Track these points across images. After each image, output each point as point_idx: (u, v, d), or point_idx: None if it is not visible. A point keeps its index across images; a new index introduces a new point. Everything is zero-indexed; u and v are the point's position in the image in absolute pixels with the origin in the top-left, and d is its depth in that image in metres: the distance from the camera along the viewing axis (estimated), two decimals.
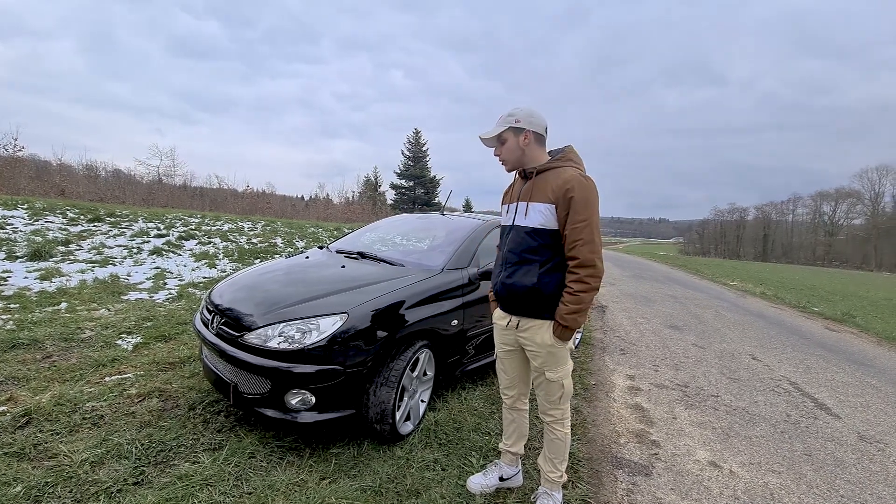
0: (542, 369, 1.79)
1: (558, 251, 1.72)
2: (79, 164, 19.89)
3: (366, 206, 30.04)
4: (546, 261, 1.72)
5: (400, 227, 3.90)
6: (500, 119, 1.80)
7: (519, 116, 1.77)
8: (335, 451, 2.19)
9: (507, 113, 1.79)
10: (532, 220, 1.74)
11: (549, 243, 1.72)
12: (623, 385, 3.62)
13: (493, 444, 2.39)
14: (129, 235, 7.99)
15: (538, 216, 1.72)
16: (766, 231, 71.99)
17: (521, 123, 1.76)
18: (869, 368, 4.84)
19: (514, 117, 1.77)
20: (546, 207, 1.69)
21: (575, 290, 1.64)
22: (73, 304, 4.37)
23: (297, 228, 12.67)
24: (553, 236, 1.71)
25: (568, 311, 1.65)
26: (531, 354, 1.82)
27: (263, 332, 2.11)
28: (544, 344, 1.75)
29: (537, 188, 1.74)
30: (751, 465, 2.50)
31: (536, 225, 1.72)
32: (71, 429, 2.22)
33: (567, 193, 1.64)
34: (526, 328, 1.80)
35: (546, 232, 1.71)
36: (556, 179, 1.70)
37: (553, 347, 1.74)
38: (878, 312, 10.29)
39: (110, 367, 2.99)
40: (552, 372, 1.78)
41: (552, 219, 1.69)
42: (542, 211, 1.71)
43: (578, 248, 1.63)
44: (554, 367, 1.77)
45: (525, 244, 1.75)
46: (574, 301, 1.64)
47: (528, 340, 1.80)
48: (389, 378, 2.21)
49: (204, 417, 2.43)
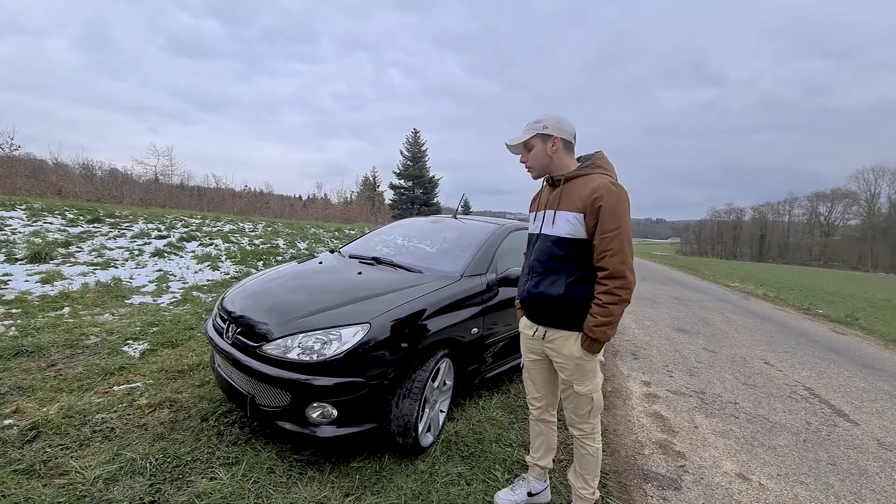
0: (571, 382, 1.74)
1: (586, 261, 1.66)
2: (75, 164, 19.71)
3: (364, 206, 29.94)
4: (573, 270, 1.67)
5: (413, 231, 3.83)
6: (527, 126, 1.76)
7: (547, 123, 1.72)
8: (356, 466, 2.12)
9: (535, 120, 1.75)
10: (559, 228, 1.69)
11: (576, 253, 1.66)
12: (640, 392, 3.57)
13: (516, 457, 2.33)
14: (130, 237, 7.88)
15: (566, 225, 1.67)
16: (762, 231, 72.32)
17: (550, 130, 1.71)
18: (880, 373, 4.81)
19: (541, 124, 1.72)
20: (574, 216, 1.64)
21: (604, 302, 1.58)
22: (76, 309, 4.27)
23: (299, 229, 12.58)
24: (581, 246, 1.66)
25: (597, 324, 1.59)
26: (558, 366, 1.77)
27: (283, 342, 2.04)
28: (572, 356, 1.70)
29: (565, 196, 1.69)
30: (778, 476, 2.45)
31: (564, 234, 1.67)
32: (81, 443, 2.14)
33: (596, 202, 1.59)
34: (553, 339, 1.75)
35: (573, 241, 1.66)
36: (584, 187, 1.64)
37: (581, 360, 1.69)
38: (880, 314, 10.32)
39: (118, 375, 2.91)
40: (581, 385, 1.72)
41: (580, 228, 1.64)
42: (569, 220, 1.66)
43: (608, 259, 1.57)
44: (582, 380, 1.72)
45: (551, 253, 1.71)
46: (603, 313, 1.58)
47: (555, 352, 1.75)
48: (412, 389, 2.14)
49: (218, 429, 2.35)
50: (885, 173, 57.62)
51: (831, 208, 64.35)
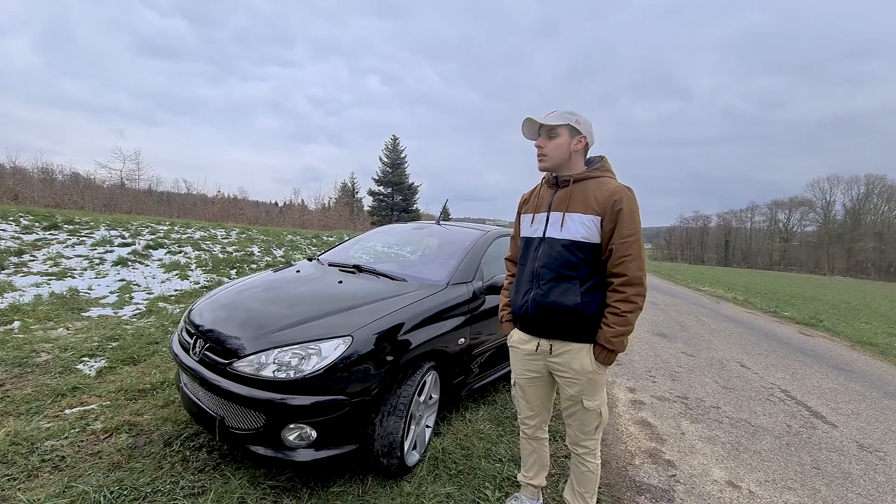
0: (580, 397, 1.64)
1: (598, 267, 1.59)
2: (33, 167, 18.53)
3: (343, 213, 29.47)
4: (587, 278, 1.58)
5: (395, 237, 3.71)
6: (558, 113, 1.63)
7: (580, 119, 1.63)
8: (337, 490, 1.97)
9: (567, 110, 1.63)
10: (572, 232, 1.58)
11: (590, 258, 1.57)
12: (626, 399, 3.54)
13: (506, 473, 2.23)
14: (90, 244, 7.41)
15: (580, 228, 1.57)
16: (727, 237, 75.36)
17: (581, 127, 1.62)
18: (850, 374, 4.98)
19: (575, 117, 1.62)
20: (590, 219, 1.56)
21: (622, 311, 1.51)
22: (26, 323, 3.93)
23: (274, 236, 12.19)
24: (594, 251, 1.57)
25: (615, 334, 1.52)
26: (566, 381, 1.66)
27: (256, 358, 1.88)
28: (584, 370, 1.60)
29: (576, 198, 1.60)
30: (766, 482, 2.44)
31: (578, 238, 1.57)
32: (29, 473, 1.93)
33: (616, 205, 1.52)
34: (561, 352, 1.64)
35: (588, 246, 1.57)
36: (599, 190, 1.57)
37: (594, 374, 1.60)
38: (841, 316, 10.81)
39: (71, 396, 2.65)
40: (590, 400, 1.63)
41: (595, 232, 1.56)
42: (584, 223, 1.56)
43: (627, 265, 1.50)
44: (592, 394, 1.63)
45: (562, 259, 1.59)
46: (621, 322, 1.51)
47: (564, 366, 1.64)
48: (398, 406, 2.02)
49: (182, 455, 2.15)
50: (839, 182, 61.20)
51: (789, 215, 67.77)
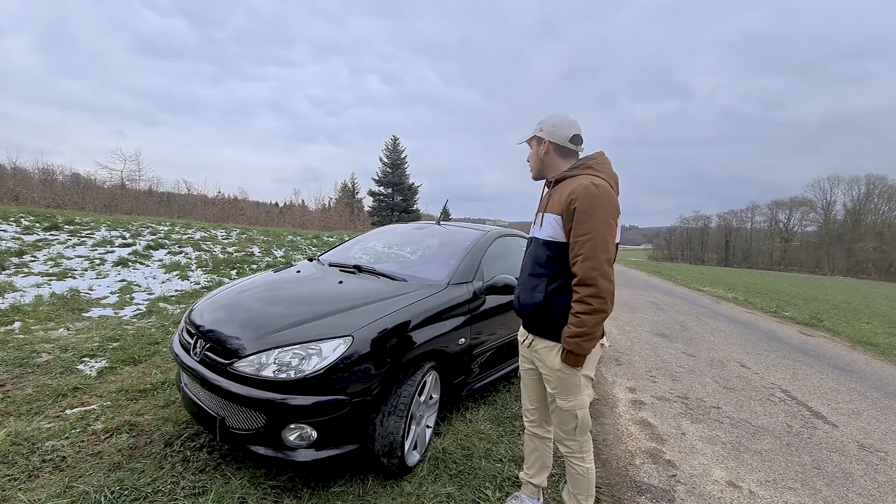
0: (555, 395, 1.67)
1: (567, 266, 1.59)
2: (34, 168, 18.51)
3: (343, 213, 29.46)
4: (555, 277, 1.61)
5: (395, 238, 3.71)
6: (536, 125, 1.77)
7: (543, 126, 1.71)
8: (337, 490, 1.98)
9: (539, 120, 1.74)
10: (546, 231, 1.65)
11: (557, 257, 1.60)
12: (626, 399, 3.54)
13: (507, 473, 2.23)
14: (91, 245, 7.41)
15: (548, 228, 1.63)
16: (727, 238, 75.24)
17: (543, 133, 1.70)
18: (850, 374, 4.97)
19: (540, 126, 1.72)
20: (555, 219, 1.60)
21: (576, 312, 1.50)
22: (27, 324, 3.93)
23: (275, 237, 12.19)
24: (561, 250, 1.60)
25: (570, 335, 1.51)
26: (544, 378, 1.71)
27: (257, 358, 1.88)
28: (554, 368, 1.63)
29: (553, 198, 1.66)
30: (767, 482, 2.44)
31: (546, 237, 1.63)
32: (30, 473, 1.93)
33: (571, 204, 1.53)
34: (538, 349, 1.70)
35: (554, 245, 1.61)
36: (566, 189, 1.59)
37: (562, 373, 1.61)
38: (842, 315, 10.80)
39: (71, 397, 2.66)
40: (563, 400, 1.64)
41: (559, 230, 1.59)
42: (551, 222, 1.62)
43: (579, 265, 1.49)
44: (565, 394, 1.64)
45: (535, 257, 1.69)
46: (576, 323, 1.49)
47: (540, 362, 1.70)
48: (398, 406, 2.02)
49: (183, 455, 2.16)
50: (839, 182, 61.01)
51: (790, 215, 67.64)
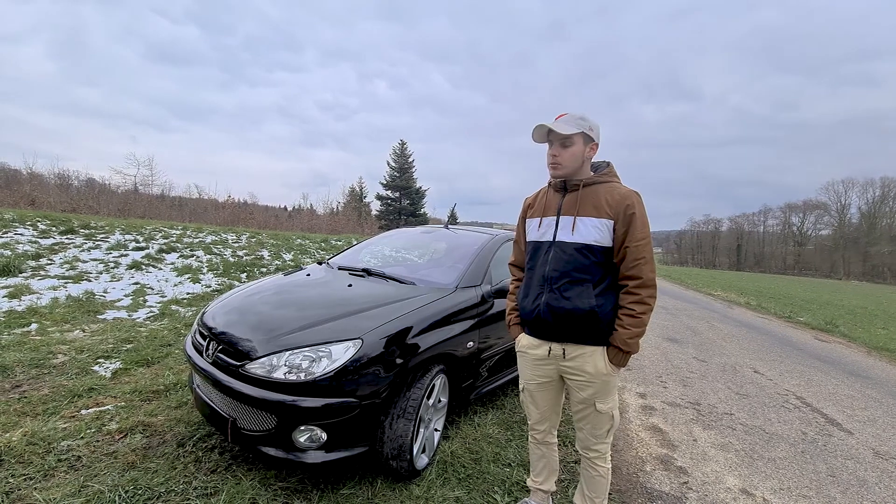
0: (593, 400, 1.65)
1: (610, 270, 1.62)
2: (50, 173, 18.99)
3: (351, 217, 29.67)
4: (599, 280, 1.61)
5: (404, 241, 3.73)
6: (570, 117, 1.61)
7: (591, 125, 1.62)
8: (347, 493, 1.99)
9: (579, 115, 1.61)
10: (585, 235, 1.60)
11: (602, 262, 1.61)
12: (636, 404, 3.51)
13: (515, 478, 2.22)
14: (105, 248, 7.56)
15: (593, 232, 1.59)
16: (739, 241, 74.25)
17: (593, 133, 1.63)
18: (866, 380, 4.87)
19: (588, 124, 1.61)
20: (602, 223, 1.58)
21: (637, 312, 1.55)
22: (43, 325, 4.02)
23: (284, 240, 12.32)
24: (606, 254, 1.60)
25: (630, 336, 1.55)
26: (578, 385, 1.67)
27: (268, 360, 1.91)
28: (599, 373, 1.62)
29: (585, 202, 1.62)
30: (781, 490, 2.40)
31: (591, 241, 1.59)
32: (46, 473, 1.96)
33: (628, 209, 1.56)
34: (574, 356, 1.65)
35: (600, 249, 1.60)
36: (610, 194, 1.59)
37: (609, 376, 1.63)
38: (858, 321, 10.58)
39: (87, 397, 2.70)
40: (603, 403, 1.64)
41: (608, 235, 1.58)
42: (596, 226, 1.59)
43: (641, 267, 1.55)
44: (605, 397, 1.65)
45: (575, 262, 1.61)
46: (635, 324, 1.55)
47: (577, 370, 1.65)
48: (407, 409, 2.03)
49: (195, 455, 2.18)
50: (854, 185, 59.93)
51: (803, 219, 66.57)
